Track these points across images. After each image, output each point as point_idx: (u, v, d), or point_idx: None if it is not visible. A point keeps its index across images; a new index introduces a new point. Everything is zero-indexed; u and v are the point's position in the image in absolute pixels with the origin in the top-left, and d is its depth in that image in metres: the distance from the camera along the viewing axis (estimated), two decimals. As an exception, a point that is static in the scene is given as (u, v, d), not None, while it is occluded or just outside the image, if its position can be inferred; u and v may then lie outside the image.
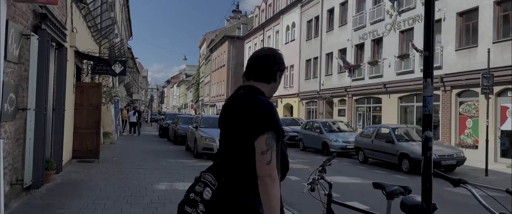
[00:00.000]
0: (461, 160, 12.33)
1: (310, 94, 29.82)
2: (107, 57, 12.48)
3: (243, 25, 53.95)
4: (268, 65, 2.15)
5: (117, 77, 26.25)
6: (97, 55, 12.41)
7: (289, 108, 34.77)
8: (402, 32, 20.31)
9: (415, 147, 12.55)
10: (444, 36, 17.41)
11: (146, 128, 38.44)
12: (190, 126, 17.16)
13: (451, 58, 16.87)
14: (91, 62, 13.10)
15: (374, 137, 14.25)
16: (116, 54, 17.27)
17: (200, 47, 79.58)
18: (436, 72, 17.29)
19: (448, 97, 16.90)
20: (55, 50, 8.29)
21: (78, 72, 11.86)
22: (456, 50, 16.69)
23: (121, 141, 20.68)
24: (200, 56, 79.65)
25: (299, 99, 31.81)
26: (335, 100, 26.55)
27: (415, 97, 19.26)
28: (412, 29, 19.45)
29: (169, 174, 9.89)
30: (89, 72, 13.28)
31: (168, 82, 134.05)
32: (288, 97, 33.99)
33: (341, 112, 25.94)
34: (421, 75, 17.08)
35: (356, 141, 15.47)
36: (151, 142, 21.54)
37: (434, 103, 18.65)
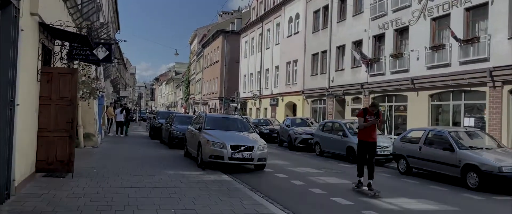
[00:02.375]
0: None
1: (317, 91, 26.98)
2: (86, 34, 9.40)
3: (237, 20, 50.96)
4: None
5: (102, 70, 23.12)
6: (73, 31, 9.30)
7: (292, 107, 31.91)
8: (434, 19, 17.55)
9: (485, 157, 9.80)
10: (491, 23, 14.71)
11: (134, 127, 35.21)
12: (189, 127, 14.16)
13: (502, 48, 14.17)
14: (67, 44, 10.03)
15: (423, 143, 11.44)
16: (99, 36, 14.17)
17: (190, 43, 76.26)
18: (482, 65, 14.64)
19: (499, 95, 14.19)
20: (-1, 9, 5.30)
21: (47, 54, 8.82)
22: (509, 39, 13.99)
23: (105, 143, 17.58)
24: (190, 53, 76.35)
25: (304, 97, 28.95)
26: (348, 98, 23.75)
27: (451, 94, 16.51)
28: (447, 15, 16.67)
29: (172, 198, 6.92)
30: (64, 57, 10.18)
31: (156, 79, 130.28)
32: (291, 95, 31.12)
33: (355, 112, 23.10)
34: (460, 68, 13.69)
35: (396, 147, 12.63)
36: (141, 145, 18.43)
37: (479, 101, 15.38)
